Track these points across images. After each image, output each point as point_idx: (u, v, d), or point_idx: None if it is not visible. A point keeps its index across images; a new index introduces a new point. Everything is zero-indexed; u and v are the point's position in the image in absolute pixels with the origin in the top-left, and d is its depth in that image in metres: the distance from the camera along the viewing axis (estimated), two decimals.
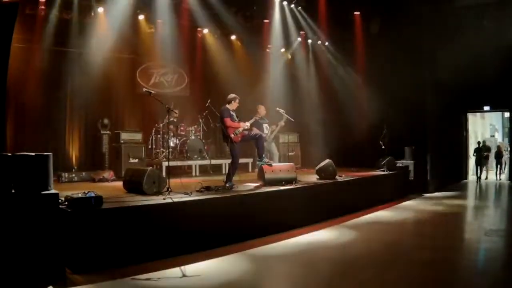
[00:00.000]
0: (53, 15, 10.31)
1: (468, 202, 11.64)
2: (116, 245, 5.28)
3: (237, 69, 13.73)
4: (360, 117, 13.69)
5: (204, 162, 11.61)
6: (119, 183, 8.03)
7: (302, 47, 14.77)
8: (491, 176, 16.67)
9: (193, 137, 11.74)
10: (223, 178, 8.23)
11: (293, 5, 13.21)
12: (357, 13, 13.74)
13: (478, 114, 19.61)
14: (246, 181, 9.09)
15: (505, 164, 17.16)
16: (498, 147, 17.29)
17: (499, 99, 14.77)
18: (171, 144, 11.34)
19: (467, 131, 16.92)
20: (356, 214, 9.02)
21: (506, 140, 19.36)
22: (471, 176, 16.70)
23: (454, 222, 8.83)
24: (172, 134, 11.46)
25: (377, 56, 12.95)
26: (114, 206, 5.67)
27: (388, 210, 9.87)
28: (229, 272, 5.33)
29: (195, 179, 9.36)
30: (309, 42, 14.73)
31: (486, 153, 16.41)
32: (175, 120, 11.69)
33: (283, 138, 12.68)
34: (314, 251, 6.43)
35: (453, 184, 14.68)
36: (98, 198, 5.42)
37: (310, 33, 14.36)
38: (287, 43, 14.39)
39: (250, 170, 12.44)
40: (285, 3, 13.05)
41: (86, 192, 5.50)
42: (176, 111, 11.03)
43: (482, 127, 21.25)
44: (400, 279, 5.09)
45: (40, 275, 4.57)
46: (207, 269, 5.35)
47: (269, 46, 14.34)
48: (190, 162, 11.51)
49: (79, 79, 10.90)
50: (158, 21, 12.08)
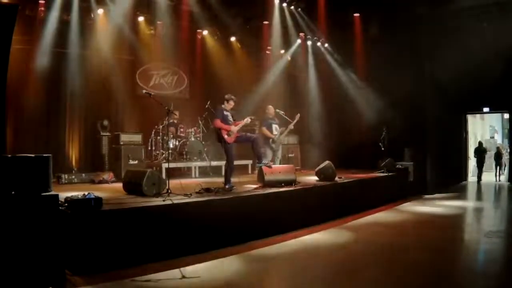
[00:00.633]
0: (53, 17, 10.32)
1: (468, 204, 11.63)
2: (115, 246, 5.29)
3: (237, 70, 13.76)
4: (359, 119, 13.70)
5: (203, 163, 11.61)
6: (119, 185, 8.03)
7: (302, 49, 14.78)
8: (491, 177, 16.65)
9: (192, 139, 11.74)
10: (222, 179, 8.23)
11: (292, 7, 13.23)
12: (356, 14, 13.74)
13: (477, 116, 19.60)
14: (246, 182, 9.10)
15: (505, 165, 17.15)
16: (498, 148, 17.28)
17: (499, 101, 14.76)
18: (171, 145, 11.33)
19: (466, 132, 16.90)
20: (355, 215, 9.03)
21: (506, 141, 19.37)
22: (471, 178, 16.67)
23: (453, 224, 8.82)
24: (171, 135, 11.45)
25: (377, 58, 12.94)
26: (114, 208, 5.67)
27: (387, 211, 9.87)
28: (228, 273, 5.33)
29: (194, 181, 9.37)
30: (309, 43, 14.74)
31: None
32: (175, 121, 11.69)
33: (282, 140, 12.66)
34: (314, 252, 6.43)
35: (453, 185, 14.68)
36: (98, 199, 5.43)
37: (310, 35, 14.37)
38: (286, 44, 14.41)
39: (249, 171, 12.44)
40: (284, 4, 13.07)
41: (86, 193, 5.51)
42: (176, 113, 11.06)
43: (482, 128, 21.25)
44: (399, 281, 5.10)
45: (40, 277, 4.57)
46: (206, 271, 5.35)
47: (268, 47, 14.35)
48: (189, 164, 11.51)
49: (79, 80, 10.90)
50: (158, 22, 12.11)
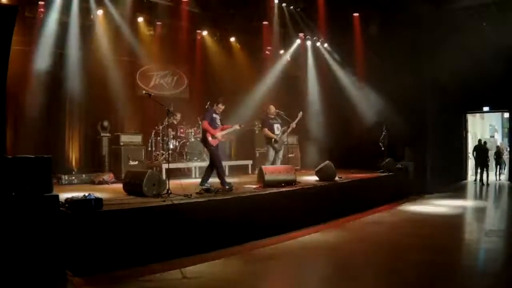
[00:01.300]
0: (53, 18, 10.32)
1: (468, 203, 11.64)
2: (116, 247, 5.29)
3: (237, 71, 13.76)
4: (359, 118, 13.69)
5: (204, 164, 11.55)
6: (119, 186, 8.04)
7: (302, 49, 14.78)
8: (491, 176, 16.63)
9: (192, 139, 11.75)
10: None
11: (292, 7, 13.23)
12: (356, 14, 13.74)
13: (477, 115, 19.60)
14: (246, 183, 9.12)
15: (505, 164, 17.14)
16: (498, 147, 17.27)
17: (499, 100, 14.78)
18: (171, 146, 11.34)
19: (466, 131, 16.91)
20: (355, 215, 9.03)
21: (506, 140, 19.37)
22: (471, 177, 16.63)
23: (454, 223, 8.83)
24: (171, 136, 11.46)
25: (377, 57, 12.95)
26: (114, 208, 5.68)
27: (387, 211, 9.88)
28: (229, 273, 5.34)
29: (195, 181, 9.36)
30: (308, 43, 14.74)
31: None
32: (175, 122, 11.69)
33: (285, 139, 12.67)
34: (314, 252, 6.44)
35: (453, 184, 14.68)
36: (98, 200, 5.44)
37: (309, 35, 14.37)
38: (286, 45, 14.41)
39: (250, 172, 12.45)
40: (284, 4, 13.06)
41: (86, 194, 5.52)
42: (176, 114, 11.08)
43: (482, 127, 21.26)
44: (399, 280, 5.10)
45: (41, 277, 4.58)
46: (207, 271, 5.36)
47: (268, 48, 14.35)
48: (190, 164, 11.51)
49: (78, 81, 10.88)
50: (158, 23, 12.11)
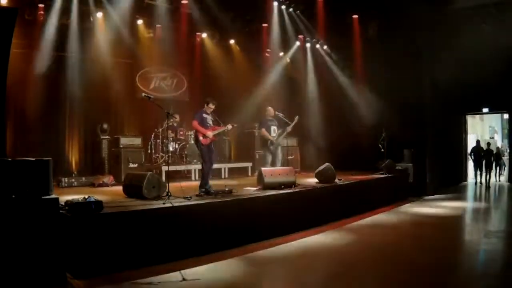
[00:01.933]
0: (52, 20, 10.34)
1: (468, 204, 11.64)
2: (116, 249, 5.29)
3: (236, 73, 13.79)
4: (359, 120, 13.69)
5: None
6: (119, 188, 8.04)
7: (301, 51, 14.80)
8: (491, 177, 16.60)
9: (192, 142, 11.74)
10: (223, 182, 8.24)
11: (291, 9, 13.25)
12: (355, 16, 13.76)
13: (477, 116, 19.63)
14: (246, 185, 9.11)
15: (504, 165, 17.15)
16: (498, 148, 17.27)
17: (498, 101, 14.79)
18: (171, 148, 11.34)
19: (466, 133, 16.91)
20: (355, 217, 9.03)
21: (506, 141, 19.39)
22: (471, 179, 16.57)
23: (453, 224, 8.84)
24: (171, 138, 11.46)
25: (376, 59, 12.94)
26: (114, 211, 5.68)
27: (387, 213, 9.87)
28: (229, 275, 5.34)
29: (194, 183, 9.36)
30: (308, 45, 14.77)
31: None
32: (174, 124, 11.70)
33: (282, 142, 12.67)
34: (314, 254, 6.43)
35: (453, 186, 14.68)
36: (98, 202, 5.44)
37: (309, 37, 14.39)
38: (285, 47, 14.43)
39: (249, 174, 12.46)
40: (283, 7, 13.09)
41: (86, 197, 5.51)
42: (177, 116, 11.08)
43: (482, 128, 21.29)
44: (400, 282, 5.11)
45: (41, 280, 4.58)
46: (207, 273, 5.36)
47: (267, 50, 14.37)
48: (189, 167, 11.51)
49: (78, 84, 10.91)
50: (157, 25, 12.12)
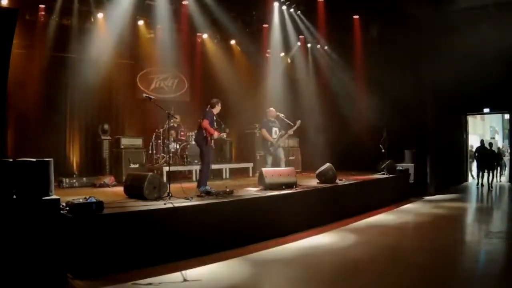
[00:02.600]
0: (53, 21, 10.36)
1: (469, 205, 11.62)
2: (117, 250, 5.28)
3: (237, 73, 13.80)
4: (360, 121, 13.70)
5: None
6: (120, 189, 8.03)
7: (302, 51, 14.81)
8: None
9: (193, 142, 11.74)
10: (223, 183, 8.24)
11: (292, 10, 13.26)
12: (356, 16, 13.77)
13: (478, 116, 19.61)
14: (247, 185, 9.11)
15: (505, 166, 17.12)
16: (499, 149, 17.25)
17: (499, 101, 14.77)
18: (172, 149, 11.35)
19: (467, 133, 16.90)
20: (356, 217, 9.02)
21: (507, 141, 19.37)
22: (473, 180, 16.53)
23: (454, 225, 8.82)
24: (172, 139, 11.47)
25: (377, 59, 12.96)
26: (115, 212, 5.67)
27: (388, 213, 9.86)
28: (230, 276, 5.33)
29: (195, 184, 9.35)
30: (309, 46, 14.78)
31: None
32: (175, 125, 11.71)
33: (283, 143, 12.68)
34: (315, 255, 6.42)
35: (454, 186, 14.66)
36: (99, 203, 5.43)
37: (310, 37, 14.39)
38: (286, 47, 14.44)
39: (250, 174, 12.45)
40: (284, 7, 13.10)
41: (87, 197, 5.51)
42: (177, 116, 11.08)
43: (482, 129, 21.27)
44: (400, 282, 5.10)
45: (42, 281, 4.58)
46: (208, 274, 5.35)
47: (268, 50, 14.38)
48: (190, 167, 11.51)
49: (79, 84, 10.93)
50: (158, 26, 12.14)
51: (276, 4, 12.85)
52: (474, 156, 15.38)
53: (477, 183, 15.19)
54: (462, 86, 13.20)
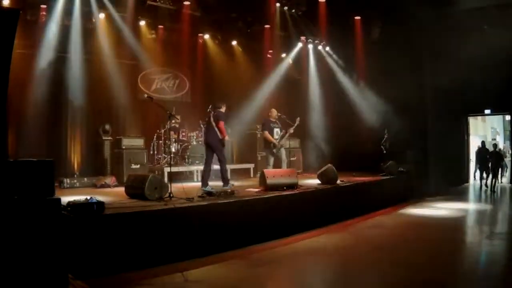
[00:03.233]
0: (54, 21, 10.35)
1: (470, 206, 11.59)
2: (118, 250, 5.28)
3: (238, 74, 13.80)
4: (361, 122, 13.69)
5: None
6: (121, 189, 8.04)
7: (303, 52, 14.80)
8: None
9: (194, 143, 11.76)
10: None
11: (293, 10, 13.24)
12: (357, 17, 13.76)
13: (479, 117, 19.59)
14: (248, 186, 9.11)
15: (506, 167, 17.08)
16: (500, 150, 17.19)
17: (500, 102, 14.74)
18: (173, 149, 11.33)
19: (468, 134, 16.86)
20: (357, 218, 9.02)
21: (508, 143, 19.34)
22: (476, 181, 16.43)
23: (455, 226, 8.80)
24: (173, 139, 11.46)
25: (378, 60, 12.95)
26: (116, 212, 5.68)
27: (389, 214, 9.85)
28: (231, 277, 5.33)
29: (197, 185, 9.35)
30: (310, 47, 14.76)
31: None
32: (176, 125, 11.70)
33: (284, 143, 12.67)
34: (316, 256, 6.42)
35: (455, 188, 14.63)
36: (100, 203, 5.43)
37: (311, 38, 14.38)
38: (287, 48, 14.43)
39: (251, 175, 12.44)
40: (285, 8, 13.08)
41: (88, 197, 5.51)
42: (178, 117, 11.07)
43: (483, 130, 21.24)
44: (401, 283, 5.09)
45: (43, 281, 4.57)
46: (209, 275, 5.35)
47: (270, 51, 14.37)
48: (191, 168, 11.50)
49: (80, 85, 10.91)
50: (159, 26, 12.14)
51: (278, 4, 12.82)
52: (476, 157, 15.35)
53: (480, 185, 15.14)
54: (463, 87, 13.19)
